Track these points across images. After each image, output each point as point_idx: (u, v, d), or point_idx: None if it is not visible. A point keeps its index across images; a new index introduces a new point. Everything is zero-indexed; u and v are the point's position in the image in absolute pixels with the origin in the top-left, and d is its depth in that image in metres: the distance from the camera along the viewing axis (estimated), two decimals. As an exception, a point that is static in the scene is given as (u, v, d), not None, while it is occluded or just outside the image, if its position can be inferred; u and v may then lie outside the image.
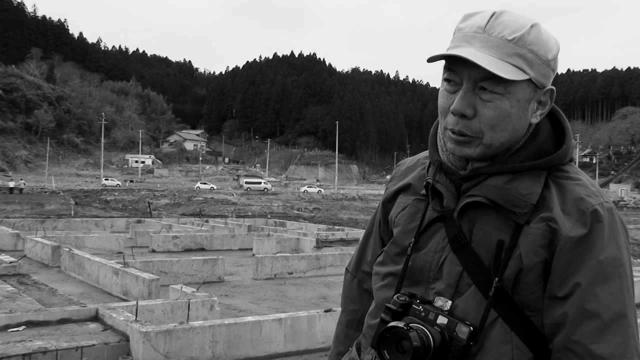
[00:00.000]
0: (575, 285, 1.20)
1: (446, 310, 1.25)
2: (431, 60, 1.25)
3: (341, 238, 19.37)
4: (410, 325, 1.23)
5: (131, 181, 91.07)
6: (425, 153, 1.53)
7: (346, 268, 1.72)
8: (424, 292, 1.33)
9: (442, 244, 1.34)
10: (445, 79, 1.30)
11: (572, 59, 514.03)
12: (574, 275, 1.20)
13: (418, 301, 1.28)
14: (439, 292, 1.30)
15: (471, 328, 1.22)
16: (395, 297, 1.31)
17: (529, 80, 1.24)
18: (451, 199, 1.34)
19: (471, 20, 1.27)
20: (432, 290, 1.32)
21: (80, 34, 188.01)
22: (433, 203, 1.38)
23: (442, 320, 1.23)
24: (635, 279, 9.92)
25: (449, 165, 1.37)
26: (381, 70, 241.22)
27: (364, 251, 1.66)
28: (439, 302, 1.26)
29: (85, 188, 65.66)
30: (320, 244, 18.20)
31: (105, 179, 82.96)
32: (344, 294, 1.70)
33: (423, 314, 1.25)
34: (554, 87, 1.31)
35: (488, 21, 1.24)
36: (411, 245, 1.39)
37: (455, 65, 1.26)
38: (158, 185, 75.91)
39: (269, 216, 37.63)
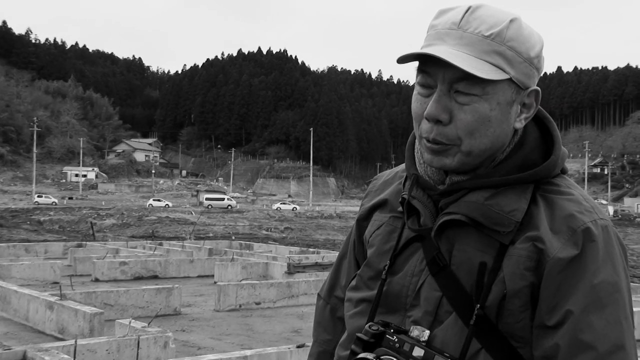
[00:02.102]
0: (567, 312, 1.21)
1: (423, 341, 1.26)
2: (401, 61, 1.27)
3: (316, 262, 19.40)
4: (382, 357, 1.25)
5: (70, 198, 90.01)
6: (403, 166, 1.55)
7: (318, 293, 1.74)
8: (401, 321, 1.35)
9: (419, 267, 1.35)
10: (418, 82, 1.32)
11: (579, 55, 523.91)
12: (565, 301, 1.22)
13: (392, 330, 1.28)
14: (416, 320, 1.32)
15: None
16: (367, 326, 1.31)
17: (510, 80, 1.26)
18: (429, 216, 1.36)
19: (445, 16, 1.29)
20: (409, 319, 1.34)
21: (4, 23, 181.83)
22: (409, 221, 1.39)
23: (418, 352, 1.24)
24: (635, 309, 10.08)
25: (426, 179, 1.39)
26: (362, 70, 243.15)
27: (338, 275, 1.68)
28: (415, 331, 1.27)
29: (13, 207, 64.66)
30: (293, 269, 18.20)
31: (39, 196, 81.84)
32: (316, 322, 1.72)
33: (397, 345, 1.25)
34: (538, 88, 1.32)
35: (463, 16, 1.26)
36: (386, 268, 1.40)
37: (428, 66, 1.28)
38: (103, 203, 75.23)
39: (233, 237, 37.49)
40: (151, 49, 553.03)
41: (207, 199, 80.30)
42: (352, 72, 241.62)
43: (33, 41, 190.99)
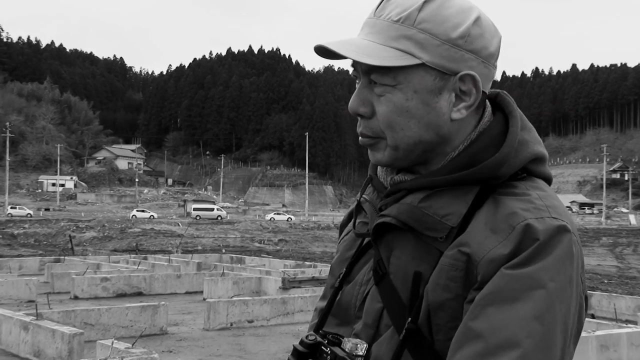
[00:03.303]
0: (471, 301, 1.18)
1: (358, 355, 1.25)
2: (318, 52, 1.30)
3: (313, 277, 19.42)
4: None
5: (47, 209, 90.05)
6: None
7: (315, 307, 1.71)
8: (350, 333, 1.35)
9: (367, 276, 1.35)
10: (353, 76, 1.35)
11: (596, 52, 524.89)
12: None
13: (327, 342, 1.29)
14: (357, 333, 1.32)
15: None
16: (304, 336, 1.32)
17: (426, 66, 1.25)
18: (374, 220, 1.35)
19: (373, 6, 1.32)
20: (353, 331, 1.34)
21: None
22: (362, 226, 1.41)
23: None
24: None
25: (380, 181, 1.41)
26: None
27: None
28: (349, 344, 1.27)
29: (-15, 219, 64.69)
30: (288, 284, 18.19)
31: (12, 207, 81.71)
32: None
33: (329, 357, 1.25)
34: (472, 72, 1.27)
35: (380, 3, 1.29)
36: (341, 276, 1.42)
37: (353, 59, 1.29)
38: (82, 214, 75.08)
39: (223, 251, 37.46)
40: (133, 48, 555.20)
41: (195, 209, 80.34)
42: (350, 72, 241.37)
43: (5, 40, 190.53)
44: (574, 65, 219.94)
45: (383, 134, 1.29)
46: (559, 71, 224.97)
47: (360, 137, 1.34)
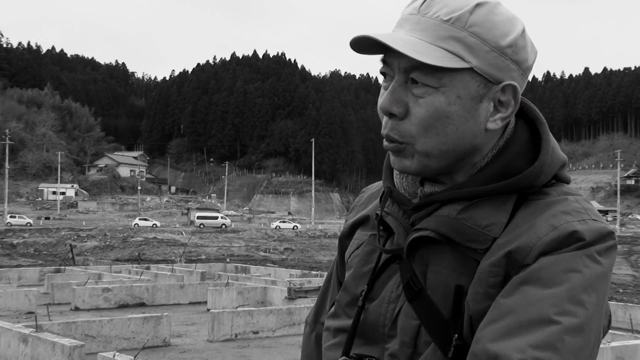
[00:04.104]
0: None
1: None
2: (354, 47, 1.29)
3: (319, 286, 19.21)
4: None
5: (47, 218, 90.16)
6: None
7: (306, 319, 1.72)
8: (380, 353, 1.33)
9: (396, 292, 1.34)
10: (381, 73, 1.33)
11: (609, 55, 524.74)
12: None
13: None
14: (393, 353, 1.30)
15: None
16: None
17: (472, 70, 1.24)
18: (402, 234, 1.34)
19: (414, 2, 1.30)
20: (387, 351, 1.32)
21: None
22: (384, 241, 1.39)
23: None
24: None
25: (400, 193, 1.39)
26: (367, 74, 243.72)
27: (324, 299, 1.66)
28: None
29: (-17, 229, 64.84)
30: (294, 294, 18.17)
31: (11, 216, 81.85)
32: (302, 351, 1.70)
33: None
34: (514, 83, 1.28)
35: (425, 1, 1.27)
36: (363, 294, 1.38)
37: (387, 55, 1.28)
38: (84, 223, 75.22)
39: (228, 260, 37.45)
40: (136, 54, 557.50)
41: (198, 217, 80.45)
42: (357, 77, 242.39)
43: (4, 45, 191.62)
44: (586, 69, 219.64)
45: (412, 139, 1.27)
46: (570, 75, 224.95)
47: (385, 141, 1.32)
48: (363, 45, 1.27)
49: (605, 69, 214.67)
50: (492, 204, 1.27)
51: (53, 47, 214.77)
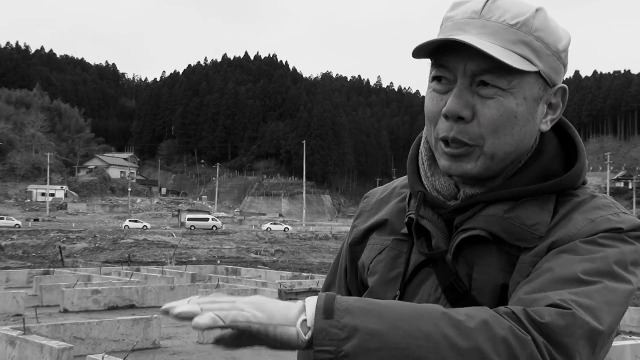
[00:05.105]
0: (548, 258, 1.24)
1: None
2: (418, 52, 1.30)
3: (310, 288, 19.44)
4: None
5: (36, 220, 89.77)
6: (401, 180, 1.56)
7: None
8: None
9: (434, 295, 1.33)
10: (435, 77, 1.33)
11: (599, 58, 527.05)
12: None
13: None
14: None
15: None
16: None
17: (538, 73, 1.29)
18: (441, 237, 1.35)
19: (463, 7, 1.32)
20: None
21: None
22: (418, 244, 1.39)
23: None
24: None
25: (434, 196, 1.39)
26: (359, 76, 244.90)
27: None
28: None
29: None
30: (284, 296, 18.21)
31: (0, 218, 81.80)
32: (298, 357, 1.67)
33: None
34: (565, 86, 1.35)
35: (484, 5, 1.29)
36: (396, 298, 1.38)
37: (446, 58, 1.29)
38: (73, 225, 74.96)
39: (218, 262, 37.38)
40: (126, 54, 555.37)
41: (189, 219, 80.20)
42: (349, 79, 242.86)
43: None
44: (576, 72, 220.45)
45: (481, 140, 1.29)
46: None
47: (446, 147, 1.32)
48: (428, 49, 1.29)
49: (595, 72, 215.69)
50: (535, 204, 1.31)
51: (42, 48, 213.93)
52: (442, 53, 1.29)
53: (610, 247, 1.21)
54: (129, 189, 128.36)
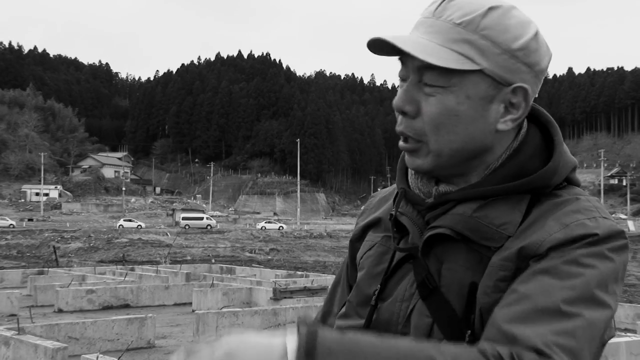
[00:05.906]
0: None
1: None
2: (370, 48, 1.32)
3: (305, 287, 19.40)
4: None
5: (30, 220, 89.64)
6: None
7: (336, 325, 1.67)
8: None
9: (409, 291, 1.35)
10: (398, 74, 1.36)
11: (592, 55, 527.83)
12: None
13: None
14: None
15: None
16: None
17: (483, 72, 1.28)
18: (417, 233, 1.37)
19: (430, 5, 1.34)
20: None
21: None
22: (403, 241, 1.41)
23: None
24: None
25: (415, 193, 1.41)
26: (352, 74, 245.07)
27: (332, 301, 1.67)
28: None
29: (-34, 230, 64.34)
30: (279, 294, 18.17)
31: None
32: None
33: None
34: (526, 85, 1.31)
35: (440, 4, 1.30)
36: (376, 293, 1.40)
37: (403, 56, 1.32)
38: (67, 225, 74.83)
39: (213, 261, 37.35)
40: (120, 54, 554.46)
41: (184, 218, 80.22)
42: (342, 77, 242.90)
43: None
44: (570, 69, 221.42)
45: (425, 137, 1.31)
46: (555, 75, 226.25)
47: (401, 141, 1.36)
48: (379, 47, 1.30)
49: (588, 69, 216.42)
50: (506, 203, 1.30)
51: (35, 47, 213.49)
52: (400, 51, 1.29)
53: (590, 268, 1.18)
54: (123, 189, 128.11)
